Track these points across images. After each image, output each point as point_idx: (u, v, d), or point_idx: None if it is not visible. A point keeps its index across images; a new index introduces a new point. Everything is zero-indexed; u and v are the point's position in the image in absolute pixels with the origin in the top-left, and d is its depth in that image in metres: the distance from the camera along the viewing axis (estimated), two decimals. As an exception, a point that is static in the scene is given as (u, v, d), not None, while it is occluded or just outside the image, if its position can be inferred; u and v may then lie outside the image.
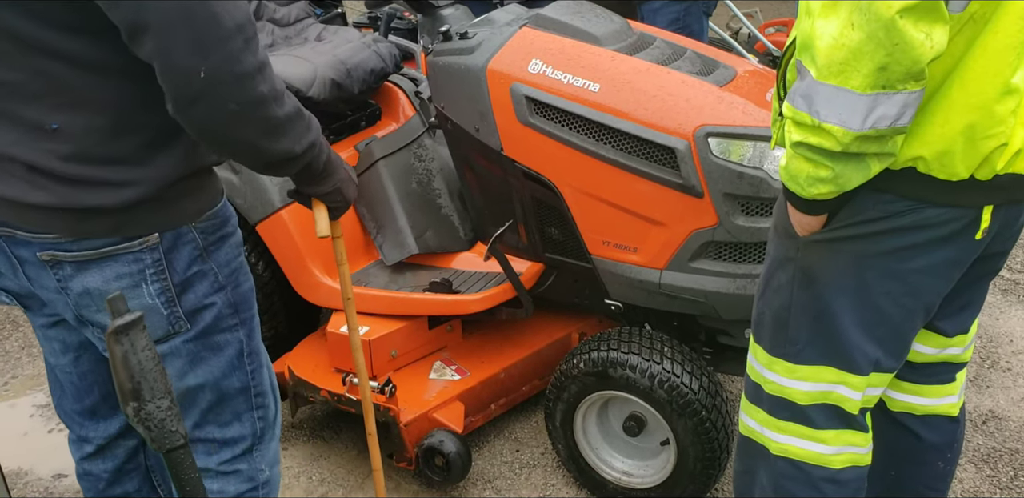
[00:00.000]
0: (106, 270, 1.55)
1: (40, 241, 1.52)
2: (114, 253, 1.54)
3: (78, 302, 1.58)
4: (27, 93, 1.43)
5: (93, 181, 1.48)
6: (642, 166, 2.27)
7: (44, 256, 1.53)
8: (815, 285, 1.67)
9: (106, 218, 1.51)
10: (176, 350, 1.66)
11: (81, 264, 1.54)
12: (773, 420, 1.79)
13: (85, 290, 1.56)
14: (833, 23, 1.38)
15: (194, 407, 1.73)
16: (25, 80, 1.41)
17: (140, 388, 1.07)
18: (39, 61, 1.40)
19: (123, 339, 1.07)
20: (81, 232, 1.51)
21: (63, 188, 1.47)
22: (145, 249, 1.55)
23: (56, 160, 1.45)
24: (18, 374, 3.35)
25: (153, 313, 1.59)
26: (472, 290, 2.63)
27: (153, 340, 1.55)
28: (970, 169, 1.51)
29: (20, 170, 1.47)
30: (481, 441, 2.86)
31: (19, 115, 1.44)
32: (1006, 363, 3.24)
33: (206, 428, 1.76)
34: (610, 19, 2.59)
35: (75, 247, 1.52)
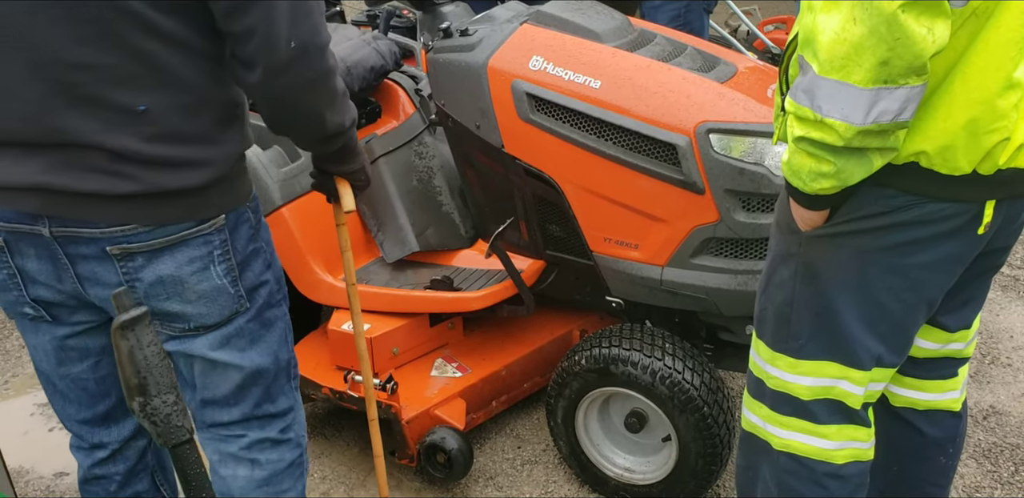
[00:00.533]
0: (178, 256, 1.56)
1: (110, 235, 1.51)
2: (187, 238, 1.56)
3: (148, 292, 1.58)
4: (119, 75, 1.42)
5: (176, 161, 1.50)
6: (643, 162, 2.27)
7: (114, 250, 1.52)
8: (817, 280, 1.67)
9: (184, 202, 1.53)
10: (240, 330, 1.69)
11: (154, 252, 1.55)
12: (776, 415, 1.80)
13: (158, 279, 1.57)
14: (835, 18, 1.38)
15: (257, 386, 1.75)
16: (119, 62, 1.41)
17: (146, 383, 1.07)
18: (141, 42, 1.41)
19: (129, 334, 1.07)
20: (160, 219, 1.53)
21: (149, 173, 1.48)
22: (214, 231, 1.59)
23: (142, 142, 1.46)
24: (19, 373, 3.35)
25: (221, 293, 1.63)
26: (473, 287, 2.63)
27: (217, 322, 1.63)
28: (972, 164, 1.51)
29: (104, 160, 1.46)
30: (483, 438, 2.86)
31: (107, 99, 1.43)
32: (1006, 359, 3.25)
33: (264, 405, 1.79)
34: (611, 16, 2.58)
35: (149, 236, 1.53)
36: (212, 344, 1.67)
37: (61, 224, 1.51)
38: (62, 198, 1.48)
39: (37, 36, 1.38)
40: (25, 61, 1.40)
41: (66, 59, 1.39)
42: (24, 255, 1.57)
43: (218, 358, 1.68)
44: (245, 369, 1.71)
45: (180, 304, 1.60)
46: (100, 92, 1.43)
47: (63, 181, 1.47)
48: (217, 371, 1.71)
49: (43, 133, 1.44)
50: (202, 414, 1.78)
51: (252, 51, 1.45)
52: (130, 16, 1.38)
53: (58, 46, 1.39)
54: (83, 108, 1.43)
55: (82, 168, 1.46)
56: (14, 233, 1.55)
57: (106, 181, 1.47)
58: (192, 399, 1.77)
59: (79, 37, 1.38)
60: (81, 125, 1.44)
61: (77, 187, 1.47)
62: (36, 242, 1.55)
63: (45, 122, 1.43)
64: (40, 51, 1.39)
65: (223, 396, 1.74)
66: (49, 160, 1.46)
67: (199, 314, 1.63)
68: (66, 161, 1.46)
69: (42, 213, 1.50)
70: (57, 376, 1.78)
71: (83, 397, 1.80)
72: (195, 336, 1.66)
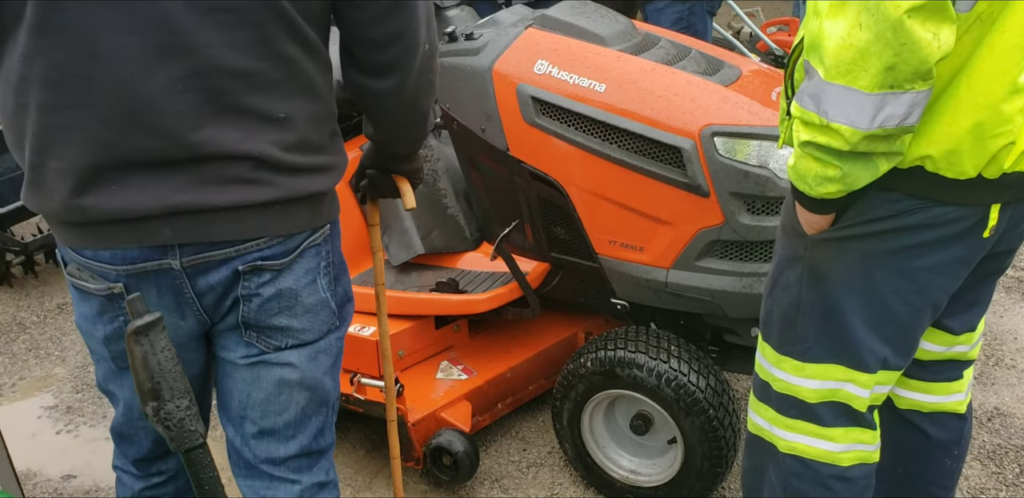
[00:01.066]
0: (296, 269, 1.52)
1: (244, 252, 1.45)
2: (305, 249, 1.52)
3: (262, 307, 1.51)
4: (265, 82, 1.39)
5: (310, 168, 1.47)
6: (648, 165, 2.28)
7: (246, 268, 1.46)
8: (823, 283, 1.68)
9: (309, 208, 1.50)
10: (329, 347, 1.62)
11: (283, 268, 1.50)
12: (781, 418, 1.80)
13: (277, 293, 1.51)
14: (841, 23, 1.39)
15: (318, 415, 1.65)
16: (268, 68, 1.38)
17: (160, 388, 1.08)
18: (287, 47, 1.38)
19: (143, 339, 1.08)
20: (290, 227, 1.48)
21: (288, 179, 1.44)
22: (322, 241, 1.56)
23: (281, 151, 1.42)
24: (26, 376, 3.36)
25: (324, 307, 1.57)
26: (478, 290, 2.64)
27: (315, 339, 1.54)
28: (978, 168, 1.51)
29: (247, 169, 1.40)
30: (488, 440, 2.87)
31: (252, 107, 1.39)
32: (1011, 360, 3.25)
33: (318, 439, 1.68)
34: (615, 19, 2.59)
35: (282, 250, 1.49)
36: (302, 361, 1.58)
37: (193, 252, 1.43)
38: (196, 219, 1.40)
39: (201, 42, 1.31)
40: (183, 70, 1.32)
41: (223, 66, 1.34)
42: (144, 297, 1.42)
43: (300, 377, 1.58)
44: (317, 392, 1.62)
45: (287, 318, 1.54)
46: (247, 100, 1.38)
47: (200, 198, 1.38)
48: (287, 394, 1.59)
49: (182, 148, 1.36)
50: (256, 448, 1.63)
51: (393, 56, 1.45)
52: (284, 20, 1.36)
53: (217, 52, 1.33)
54: (229, 117, 1.37)
55: (219, 181, 1.39)
56: (135, 275, 1.43)
57: (245, 191, 1.41)
58: (244, 435, 1.63)
59: (235, 42, 1.34)
60: (225, 136, 1.37)
61: (214, 202, 1.39)
62: (160, 279, 1.44)
63: (189, 136, 1.35)
64: (199, 57, 1.32)
65: (284, 424, 1.62)
66: (183, 179, 1.37)
67: (302, 329, 1.56)
68: (202, 177, 1.38)
69: (173, 242, 1.41)
70: (137, 426, 1.66)
71: (158, 441, 1.68)
72: (289, 352, 1.57)
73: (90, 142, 1.32)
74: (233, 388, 1.60)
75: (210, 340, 1.60)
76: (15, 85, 1.33)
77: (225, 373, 1.61)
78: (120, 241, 1.39)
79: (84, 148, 1.32)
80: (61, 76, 1.29)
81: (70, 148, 1.33)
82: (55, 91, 1.30)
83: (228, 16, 1.31)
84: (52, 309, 3.83)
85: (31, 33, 1.28)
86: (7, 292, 3.97)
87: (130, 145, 1.33)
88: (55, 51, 1.28)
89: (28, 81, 1.31)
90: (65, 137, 1.32)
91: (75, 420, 3.07)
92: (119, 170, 1.34)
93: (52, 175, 1.35)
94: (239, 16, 1.32)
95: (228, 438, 1.66)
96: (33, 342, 3.58)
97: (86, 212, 1.36)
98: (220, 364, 1.61)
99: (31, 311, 3.82)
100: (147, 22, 1.27)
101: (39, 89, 1.31)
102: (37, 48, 1.29)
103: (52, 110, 1.32)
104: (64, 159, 1.34)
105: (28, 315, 3.79)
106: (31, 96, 1.32)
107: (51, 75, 1.29)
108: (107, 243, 1.39)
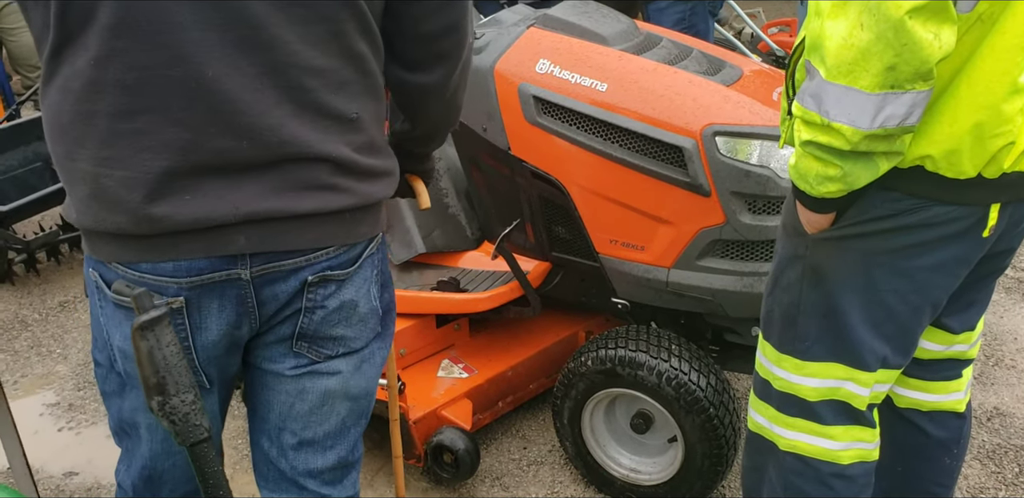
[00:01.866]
0: (356, 279, 1.47)
1: (314, 262, 1.40)
2: (365, 259, 1.48)
3: (325, 318, 1.46)
4: (339, 80, 1.34)
5: (378, 172, 1.44)
6: (649, 165, 2.29)
7: (314, 278, 1.41)
8: (824, 282, 1.68)
9: (372, 216, 1.46)
10: (372, 355, 1.57)
11: (347, 278, 1.46)
12: (782, 416, 1.81)
13: (341, 304, 1.46)
14: (842, 23, 1.39)
15: (357, 426, 1.62)
16: (340, 66, 1.34)
17: (165, 383, 1.08)
18: (358, 44, 1.35)
19: (148, 334, 1.09)
20: (355, 236, 1.44)
21: (361, 184, 1.40)
22: (377, 250, 1.51)
23: (354, 152, 1.38)
24: (28, 373, 3.37)
25: (373, 315, 1.53)
26: (479, 289, 2.65)
27: (362, 346, 1.50)
28: (977, 168, 1.52)
29: (326, 172, 1.35)
30: (489, 438, 2.88)
31: (328, 106, 1.34)
32: (1011, 360, 3.26)
33: (354, 450, 1.63)
34: (617, 19, 2.60)
35: (347, 259, 1.44)
36: (349, 369, 1.53)
37: (264, 261, 1.36)
38: (273, 227, 1.33)
39: (279, 37, 1.26)
40: (263, 66, 1.27)
41: (301, 62, 1.29)
42: (205, 310, 1.37)
43: (344, 387, 1.54)
44: (359, 402, 1.58)
45: (344, 328, 1.49)
46: (324, 98, 1.33)
47: (279, 205, 1.32)
48: (330, 404, 1.54)
49: (264, 149, 1.29)
50: (294, 459, 1.57)
51: (444, 49, 1.46)
52: (355, 15, 1.32)
53: (296, 48, 1.28)
54: (307, 117, 1.32)
55: (298, 187, 1.33)
56: (199, 287, 1.35)
57: (324, 197, 1.35)
58: (282, 446, 1.57)
59: (310, 38, 1.29)
60: (305, 135, 1.31)
61: (295, 208, 1.33)
62: (225, 290, 1.37)
63: (270, 136, 1.29)
64: (278, 53, 1.27)
65: (324, 434, 1.57)
66: (261, 184, 1.31)
67: (353, 338, 1.51)
68: (282, 181, 1.32)
69: (246, 251, 1.33)
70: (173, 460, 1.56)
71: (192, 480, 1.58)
72: (338, 360, 1.52)
73: (167, 147, 1.26)
74: (274, 400, 1.53)
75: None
76: (80, 91, 1.25)
77: (265, 384, 1.54)
78: (189, 252, 1.31)
79: (160, 153, 1.26)
80: (140, 78, 1.23)
81: (145, 154, 1.26)
82: (132, 94, 1.24)
83: (303, 10, 1.27)
84: (54, 307, 3.84)
85: (106, 34, 1.21)
86: (9, 290, 3.98)
87: (210, 147, 1.27)
88: (134, 52, 1.22)
89: (99, 85, 1.24)
90: (140, 143, 1.26)
91: (77, 417, 3.08)
92: (194, 176, 1.28)
93: (118, 185, 1.27)
94: (314, 10, 1.28)
95: (262, 450, 1.60)
96: (35, 339, 3.59)
97: (157, 223, 1.28)
98: (259, 375, 1.54)
99: (33, 309, 3.82)
100: (226, 17, 1.23)
101: (112, 93, 1.24)
102: (113, 50, 1.22)
103: (127, 115, 1.25)
104: (135, 167, 1.26)
105: (30, 313, 3.79)
106: (102, 102, 1.24)
107: (128, 78, 1.23)
108: (173, 254, 1.31)
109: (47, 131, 1.33)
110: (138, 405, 1.47)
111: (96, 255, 1.37)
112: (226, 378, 1.51)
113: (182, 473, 1.56)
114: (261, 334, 1.47)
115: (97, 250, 1.36)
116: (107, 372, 1.49)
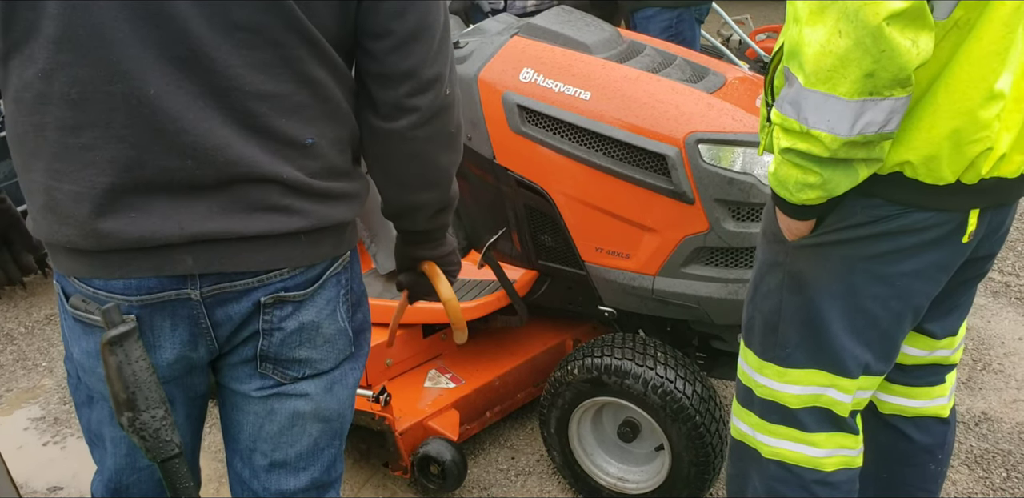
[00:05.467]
0: (318, 300, 1.46)
1: (267, 283, 1.39)
2: (327, 280, 1.46)
3: (284, 341, 1.44)
4: (290, 105, 1.33)
5: (337, 195, 1.41)
6: (633, 173, 2.29)
7: (268, 300, 1.40)
8: (804, 289, 1.68)
9: (333, 238, 1.44)
10: (344, 376, 1.56)
11: (305, 299, 1.44)
12: (764, 424, 1.80)
13: (300, 326, 1.45)
14: (820, 30, 1.39)
15: (331, 447, 1.60)
16: (291, 91, 1.32)
17: (135, 398, 1.07)
18: (311, 69, 1.33)
19: (118, 349, 1.07)
20: (313, 258, 1.42)
21: (316, 206, 1.38)
22: (342, 270, 1.49)
23: (309, 177, 1.36)
24: (12, 387, 3.34)
25: (342, 337, 1.51)
26: (466, 298, 2.64)
27: (331, 368, 1.48)
28: (956, 173, 1.52)
29: (276, 194, 1.34)
30: (476, 449, 2.87)
31: (278, 131, 1.32)
32: (998, 365, 3.26)
33: (329, 470, 1.61)
34: (600, 27, 2.60)
35: (303, 280, 1.43)
36: (318, 391, 1.52)
37: (214, 281, 1.35)
38: (221, 248, 1.32)
39: (218, 61, 1.25)
40: (204, 86, 1.26)
41: (244, 86, 1.28)
42: (157, 329, 1.37)
43: (315, 408, 1.53)
44: (331, 424, 1.56)
45: (307, 350, 1.47)
46: (274, 122, 1.31)
47: (227, 226, 1.31)
48: (300, 425, 1.53)
49: (210, 169, 1.28)
50: (266, 481, 1.57)
51: (406, 94, 1.39)
52: (310, 42, 1.31)
53: (239, 72, 1.27)
54: (255, 139, 1.31)
55: (248, 208, 1.32)
56: (151, 305, 1.34)
57: (275, 219, 1.34)
58: (253, 467, 1.57)
59: (256, 63, 1.28)
60: (253, 156, 1.30)
61: (243, 230, 1.32)
62: (177, 310, 1.36)
63: (215, 155, 1.28)
64: (218, 76, 1.26)
65: (296, 456, 1.55)
66: (209, 204, 1.30)
67: (319, 359, 1.50)
68: (231, 202, 1.31)
69: (194, 272, 1.33)
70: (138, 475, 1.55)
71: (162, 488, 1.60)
72: (306, 382, 1.51)
73: (112, 163, 1.25)
74: (243, 420, 1.53)
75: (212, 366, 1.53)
76: (31, 103, 1.25)
77: (235, 405, 1.53)
78: (137, 270, 1.30)
79: (105, 169, 1.25)
80: (83, 93, 1.23)
81: (90, 170, 1.25)
82: (77, 109, 1.23)
83: (249, 35, 1.26)
84: (40, 320, 3.82)
85: (51, 47, 1.21)
86: (-5, 303, 3.97)
87: (155, 165, 1.26)
88: (76, 67, 1.21)
89: (47, 98, 1.24)
90: (86, 158, 1.25)
91: (62, 431, 3.06)
92: (140, 194, 1.27)
93: (67, 199, 1.27)
94: (261, 36, 1.26)
95: (235, 470, 1.59)
96: (20, 353, 3.57)
97: (104, 239, 1.27)
98: (228, 395, 1.54)
99: (19, 322, 3.80)
100: (166, 37, 1.22)
101: (59, 106, 1.24)
102: (58, 63, 1.21)
103: (72, 129, 1.24)
104: (82, 182, 1.26)
105: (15, 326, 3.77)
106: (49, 114, 1.24)
107: (72, 92, 1.23)
108: (122, 272, 1.31)
109: (8, 141, 1.34)
110: (103, 418, 1.46)
111: (56, 267, 1.38)
112: (194, 397, 1.49)
113: (148, 487, 1.54)
114: (225, 355, 1.46)
115: (57, 263, 1.37)
116: (77, 382, 1.50)
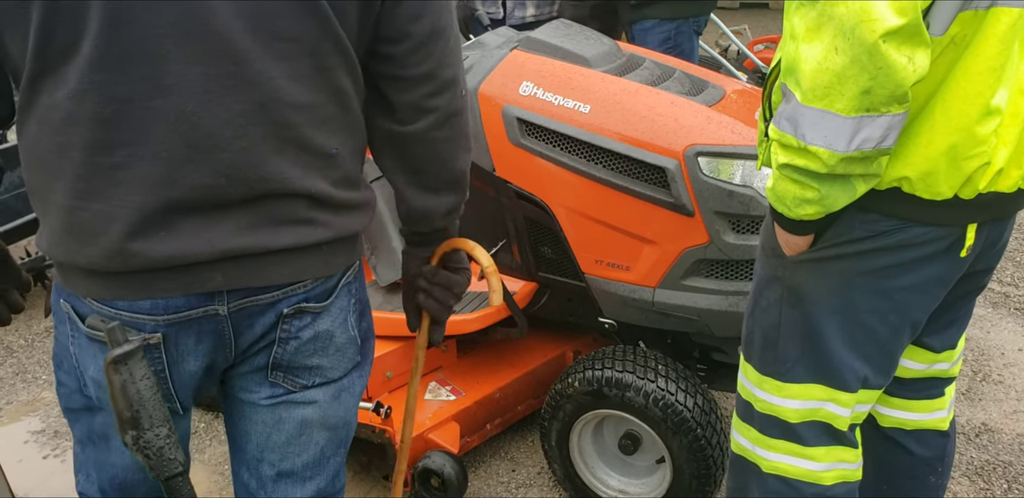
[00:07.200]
0: (333, 309, 1.47)
1: (290, 295, 1.40)
2: (341, 288, 1.48)
3: (299, 349, 1.45)
4: (323, 116, 1.33)
5: (353, 204, 1.43)
6: (633, 185, 2.29)
7: (289, 311, 1.41)
8: (803, 304, 1.69)
9: (348, 247, 1.46)
10: (351, 384, 1.57)
11: (323, 310, 1.46)
12: (764, 438, 1.81)
13: (315, 335, 1.46)
14: (817, 47, 1.40)
15: (337, 455, 1.61)
16: (324, 101, 1.33)
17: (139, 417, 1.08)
18: (342, 79, 1.34)
19: (122, 368, 1.08)
20: (331, 268, 1.44)
21: (337, 218, 1.39)
22: (354, 278, 1.51)
23: (331, 187, 1.37)
24: (12, 400, 3.34)
25: (352, 345, 1.53)
26: (466, 310, 2.64)
27: (340, 376, 1.49)
28: (954, 189, 1.53)
29: (303, 207, 1.34)
30: (477, 461, 2.86)
31: (309, 142, 1.33)
32: (998, 376, 3.26)
33: (334, 480, 1.62)
34: (599, 41, 2.62)
35: (321, 290, 1.44)
36: (326, 399, 1.53)
37: (240, 296, 1.35)
38: (250, 263, 1.33)
39: (264, 73, 1.25)
40: (247, 103, 1.26)
41: (286, 98, 1.28)
42: (182, 346, 1.37)
43: (322, 416, 1.53)
44: (337, 432, 1.57)
45: (319, 358, 1.48)
46: (307, 134, 1.32)
47: (256, 241, 1.31)
48: (307, 434, 1.54)
49: (242, 186, 1.28)
50: (274, 490, 1.57)
51: (425, 95, 1.41)
52: (340, 51, 1.31)
53: (281, 83, 1.27)
54: (289, 152, 1.31)
55: (274, 222, 1.33)
56: (177, 324, 1.34)
57: (300, 232, 1.35)
58: (261, 477, 1.57)
59: (295, 74, 1.28)
60: (286, 172, 1.30)
61: (271, 244, 1.32)
62: (203, 326, 1.36)
63: (250, 172, 1.28)
64: (263, 89, 1.26)
65: (303, 465, 1.56)
66: (236, 221, 1.30)
67: (329, 367, 1.51)
68: (257, 218, 1.31)
69: (223, 288, 1.33)
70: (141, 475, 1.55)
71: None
72: (315, 390, 1.51)
73: (144, 181, 1.23)
74: (251, 430, 1.53)
75: None
76: (56, 124, 1.23)
77: (242, 414, 1.54)
78: (164, 289, 1.30)
79: (136, 188, 1.24)
80: (119, 111, 1.21)
81: (120, 189, 1.24)
82: (110, 127, 1.22)
83: (290, 45, 1.26)
84: (40, 332, 3.82)
85: (86, 68, 1.20)
86: (-5, 315, 3.96)
87: (187, 183, 1.24)
88: (114, 85, 1.20)
89: (76, 119, 1.22)
90: (117, 177, 1.23)
91: (62, 444, 3.06)
92: (170, 213, 1.26)
93: (94, 220, 1.25)
94: (299, 45, 1.27)
95: (241, 481, 1.60)
96: (20, 366, 3.57)
97: (131, 259, 1.26)
98: (235, 405, 1.54)
99: (18, 335, 3.81)
100: (211, 52, 1.21)
101: (88, 127, 1.22)
102: (92, 83, 1.20)
103: (103, 148, 1.23)
104: (112, 201, 1.24)
105: (15, 339, 3.78)
106: (77, 135, 1.23)
107: (105, 111, 1.21)
108: (148, 292, 1.29)
109: (23, 161, 1.32)
110: (111, 421, 1.44)
111: (69, 288, 1.36)
112: (200, 397, 1.51)
113: (155, 485, 1.52)
114: (236, 364, 1.47)
115: (72, 284, 1.34)
116: (71, 391, 1.48)
